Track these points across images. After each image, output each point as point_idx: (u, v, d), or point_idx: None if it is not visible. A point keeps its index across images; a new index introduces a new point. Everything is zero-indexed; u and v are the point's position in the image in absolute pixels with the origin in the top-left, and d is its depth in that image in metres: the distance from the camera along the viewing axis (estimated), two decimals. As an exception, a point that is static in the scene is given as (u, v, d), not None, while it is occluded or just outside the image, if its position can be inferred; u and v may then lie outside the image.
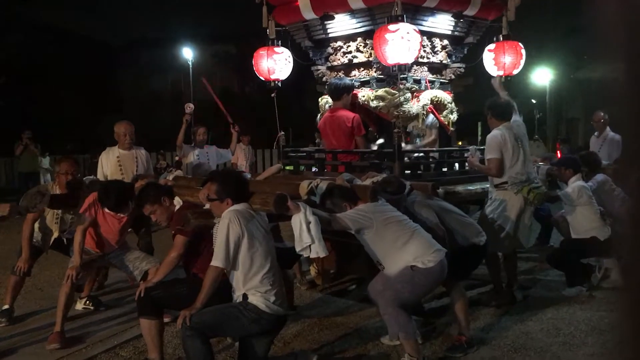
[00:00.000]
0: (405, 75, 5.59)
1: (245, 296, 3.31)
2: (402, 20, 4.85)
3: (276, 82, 6.26)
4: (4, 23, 15.67)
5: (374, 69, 5.77)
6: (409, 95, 5.59)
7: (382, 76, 5.65)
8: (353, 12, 5.58)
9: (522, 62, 6.01)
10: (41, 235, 5.02)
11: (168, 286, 3.71)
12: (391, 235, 3.57)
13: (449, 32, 5.93)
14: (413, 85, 5.67)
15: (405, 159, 5.26)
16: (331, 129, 5.70)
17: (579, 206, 5.54)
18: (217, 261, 3.28)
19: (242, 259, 3.29)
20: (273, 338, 3.60)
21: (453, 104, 6.11)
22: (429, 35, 5.79)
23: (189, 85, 20.19)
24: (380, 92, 5.56)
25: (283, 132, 6.45)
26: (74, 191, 4.93)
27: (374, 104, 5.60)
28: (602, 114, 8.17)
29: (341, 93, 5.62)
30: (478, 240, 4.18)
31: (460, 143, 6.60)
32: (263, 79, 6.32)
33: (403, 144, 5.42)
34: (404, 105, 5.53)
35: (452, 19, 5.72)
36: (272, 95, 6.30)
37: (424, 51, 5.81)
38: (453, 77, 6.17)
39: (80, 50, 22.54)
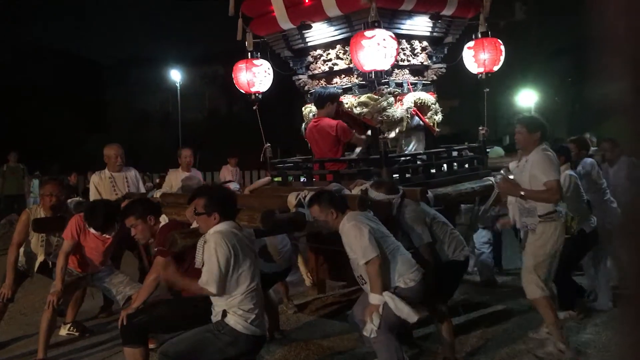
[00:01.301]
0: (387, 80, 5.56)
1: (224, 314, 3.26)
2: (379, 26, 4.82)
3: (257, 94, 6.21)
4: None
5: (355, 76, 5.73)
6: (392, 99, 5.55)
7: (363, 82, 5.61)
8: (330, 20, 5.54)
9: (502, 58, 6.00)
10: (26, 259, 4.96)
11: (150, 309, 3.65)
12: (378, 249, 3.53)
13: (428, 33, 5.91)
14: (395, 89, 5.64)
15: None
16: (316, 138, 5.66)
17: (567, 195, 5.51)
18: (210, 287, 3.23)
19: (228, 279, 3.24)
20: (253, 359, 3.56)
21: (437, 105, 6.09)
22: (408, 37, 5.76)
23: (177, 106, 20.19)
24: (363, 98, 5.52)
25: (269, 144, 6.40)
26: (59, 213, 4.87)
27: (357, 110, 5.56)
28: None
29: (325, 101, 5.58)
30: (458, 255, 4.13)
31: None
32: (244, 92, 6.27)
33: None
34: (388, 110, 5.50)
35: (430, 20, 5.69)
36: (254, 107, 6.25)
37: (404, 54, 5.79)
38: (435, 77, 6.15)
39: (69, 69, 22.47)
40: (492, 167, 6.21)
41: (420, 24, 5.74)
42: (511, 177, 4.40)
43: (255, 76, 6.12)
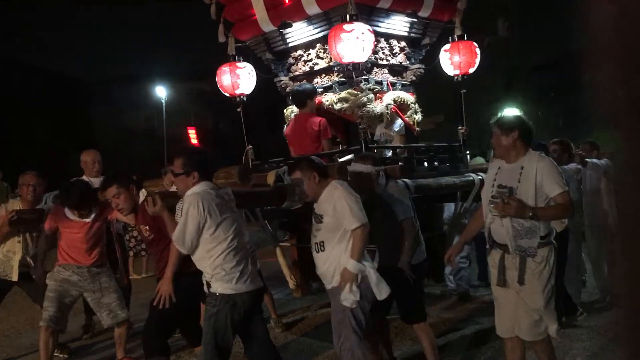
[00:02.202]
0: (366, 77, 5.68)
1: (208, 285, 3.25)
2: (357, 20, 4.94)
3: (241, 96, 6.27)
4: None
5: (336, 74, 5.84)
6: (371, 95, 5.65)
7: (343, 79, 5.72)
8: (310, 19, 5.68)
9: (477, 60, 6.16)
10: (3, 260, 4.80)
11: (160, 312, 3.56)
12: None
13: (406, 34, 6.06)
14: (375, 86, 5.74)
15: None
16: (298, 135, 5.69)
17: None
18: (179, 245, 3.28)
19: (204, 240, 3.22)
20: (261, 315, 3.52)
21: (417, 105, 6.20)
22: (386, 37, 5.91)
23: (162, 122, 20.25)
24: (343, 94, 5.62)
25: (251, 147, 6.42)
26: (37, 206, 4.78)
27: (337, 106, 5.65)
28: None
29: (304, 99, 5.65)
30: (423, 258, 4.06)
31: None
32: (228, 94, 6.33)
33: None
34: (368, 106, 5.59)
35: (407, 19, 5.86)
36: (238, 110, 6.31)
37: (383, 53, 5.93)
38: (414, 78, 6.27)
39: (53, 86, 22.47)
40: (479, 168, 6.30)
41: (397, 24, 5.90)
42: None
43: (240, 78, 6.19)
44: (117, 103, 24.80)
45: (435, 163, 5.90)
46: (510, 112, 21.96)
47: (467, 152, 6.83)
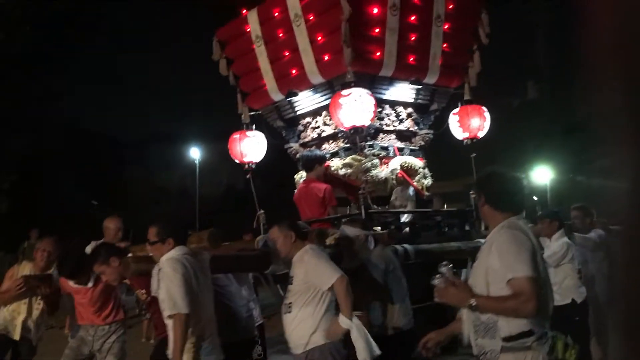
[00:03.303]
0: (371, 142, 5.74)
1: None
2: (355, 86, 5.07)
3: (250, 164, 6.43)
4: (18, 123, 16.45)
5: (342, 140, 5.93)
6: (376, 161, 5.69)
7: (348, 145, 5.80)
8: (315, 87, 5.85)
9: (487, 124, 6.14)
10: (7, 319, 4.91)
11: None
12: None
13: (412, 100, 6.14)
14: (380, 152, 5.79)
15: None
16: (305, 200, 5.74)
17: (563, 265, 5.35)
18: (180, 309, 3.13)
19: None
20: None
21: (426, 170, 6.18)
22: (392, 103, 6.00)
23: (195, 181, 20.72)
24: (348, 159, 5.68)
25: (263, 211, 6.49)
26: (48, 271, 4.90)
27: (342, 171, 5.70)
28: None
29: (313, 164, 5.72)
30: (402, 323, 3.91)
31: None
32: (238, 161, 6.51)
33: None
34: (372, 171, 5.62)
35: (413, 86, 5.94)
36: (247, 176, 6.46)
37: (389, 119, 6.00)
38: (423, 143, 6.29)
39: (89, 147, 23.32)
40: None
41: (402, 91, 5.99)
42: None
43: (249, 147, 6.37)
44: (152, 163, 25.48)
45: (445, 228, 5.82)
46: (541, 173, 21.72)
47: None
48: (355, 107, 4.99)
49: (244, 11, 6.32)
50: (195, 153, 22.30)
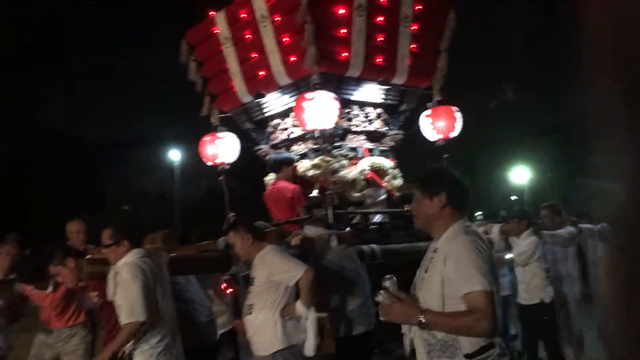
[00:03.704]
0: (339, 144, 5.73)
1: (130, 357, 3.15)
2: (320, 88, 5.05)
3: (223, 164, 6.39)
4: None
5: (310, 141, 5.91)
6: (345, 162, 5.67)
7: (317, 147, 5.78)
8: (283, 89, 5.83)
9: (458, 124, 6.15)
10: None
11: None
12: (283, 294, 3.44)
13: (381, 101, 6.14)
14: (348, 153, 5.78)
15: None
16: (273, 202, 5.72)
17: (531, 263, 5.37)
18: (138, 316, 3.09)
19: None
20: None
21: (396, 170, 6.18)
22: (360, 104, 5.99)
23: (175, 185, 20.56)
24: (316, 160, 5.65)
25: (233, 213, 6.45)
26: (11, 275, 4.81)
27: (310, 172, 5.67)
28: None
29: (280, 166, 5.70)
30: (360, 324, 3.89)
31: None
32: (211, 163, 6.46)
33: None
34: (340, 172, 5.60)
35: (382, 87, 5.94)
36: (220, 178, 6.41)
37: (358, 120, 5.99)
38: (393, 144, 6.29)
39: (64, 150, 23.05)
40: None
41: (371, 92, 5.99)
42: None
43: (220, 148, 6.33)
44: (129, 166, 25.18)
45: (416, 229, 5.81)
46: (520, 172, 22.06)
47: (480, 213, 6.69)
48: (319, 109, 4.98)
49: (212, 13, 6.28)
50: (175, 155, 22.08)
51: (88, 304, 4.35)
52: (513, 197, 23.19)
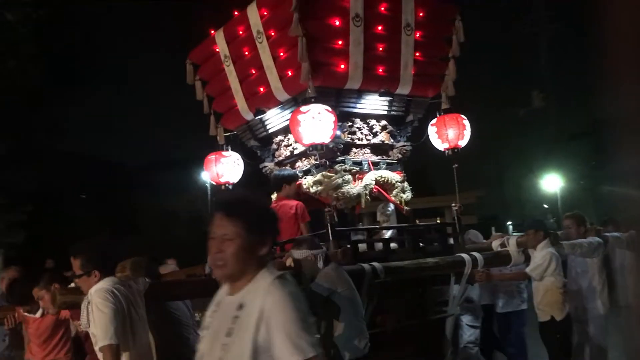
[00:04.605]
0: (342, 158, 5.57)
1: None
2: (315, 102, 4.91)
3: (227, 184, 6.32)
4: (26, 154, 16.75)
5: (313, 157, 5.76)
6: (348, 177, 5.49)
7: (319, 162, 5.62)
8: (282, 105, 5.71)
9: (467, 132, 5.91)
10: None
11: None
12: None
13: (385, 112, 5.94)
14: (352, 167, 5.60)
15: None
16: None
17: (546, 277, 5.07)
18: (109, 340, 2.97)
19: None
20: None
21: (405, 184, 5.96)
22: (363, 117, 5.81)
23: (207, 204, 20.68)
24: (318, 176, 5.50)
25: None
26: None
27: (313, 189, 5.51)
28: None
29: (280, 183, 5.57)
30: (355, 355, 3.67)
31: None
32: (214, 183, 6.40)
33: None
34: (344, 187, 5.42)
35: (385, 98, 5.75)
36: (224, 198, 6.32)
37: (361, 133, 5.82)
38: (401, 156, 6.07)
39: (98, 174, 23.54)
40: (475, 247, 5.88)
41: (374, 103, 5.80)
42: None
43: (225, 167, 6.26)
44: (161, 188, 25.44)
45: (423, 244, 5.57)
46: (551, 180, 21.29)
47: (510, 223, 6.49)
48: (314, 123, 4.83)
49: (212, 31, 6.24)
50: (207, 176, 22.23)
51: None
52: (545, 206, 22.55)
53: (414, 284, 5.24)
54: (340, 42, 5.31)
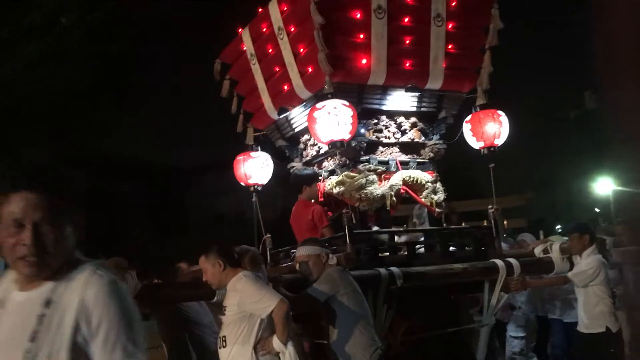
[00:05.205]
0: (367, 157, 5.33)
1: None
2: (331, 98, 4.70)
3: (255, 186, 6.21)
4: (80, 157, 17.48)
5: (338, 157, 5.54)
6: (373, 177, 5.23)
7: (344, 162, 5.40)
8: (305, 103, 5.53)
9: (504, 130, 5.50)
10: None
11: None
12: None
13: (415, 109, 5.63)
14: (378, 167, 5.33)
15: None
16: (296, 223, 5.41)
17: (593, 286, 4.63)
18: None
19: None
20: None
21: (438, 184, 5.63)
22: (389, 114, 5.53)
23: (252, 205, 20.98)
24: (341, 177, 5.28)
25: (269, 235, 6.21)
26: None
27: (336, 190, 5.30)
28: None
29: (300, 185, 5.38)
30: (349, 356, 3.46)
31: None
32: (243, 184, 6.31)
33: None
34: (367, 188, 5.16)
35: (408, 93, 5.44)
36: (253, 200, 6.23)
37: (388, 131, 5.54)
38: (433, 155, 5.74)
39: (149, 176, 24.30)
40: (514, 253, 5.47)
41: (401, 100, 5.50)
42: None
43: (253, 168, 6.16)
44: (209, 189, 25.94)
45: (454, 248, 5.24)
46: (603, 183, 19.82)
47: (559, 227, 6.09)
48: (330, 119, 4.61)
49: (240, 30, 6.16)
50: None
51: None
52: (596, 210, 21.25)
53: (443, 290, 4.93)
54: (361, 36, 5.07)
